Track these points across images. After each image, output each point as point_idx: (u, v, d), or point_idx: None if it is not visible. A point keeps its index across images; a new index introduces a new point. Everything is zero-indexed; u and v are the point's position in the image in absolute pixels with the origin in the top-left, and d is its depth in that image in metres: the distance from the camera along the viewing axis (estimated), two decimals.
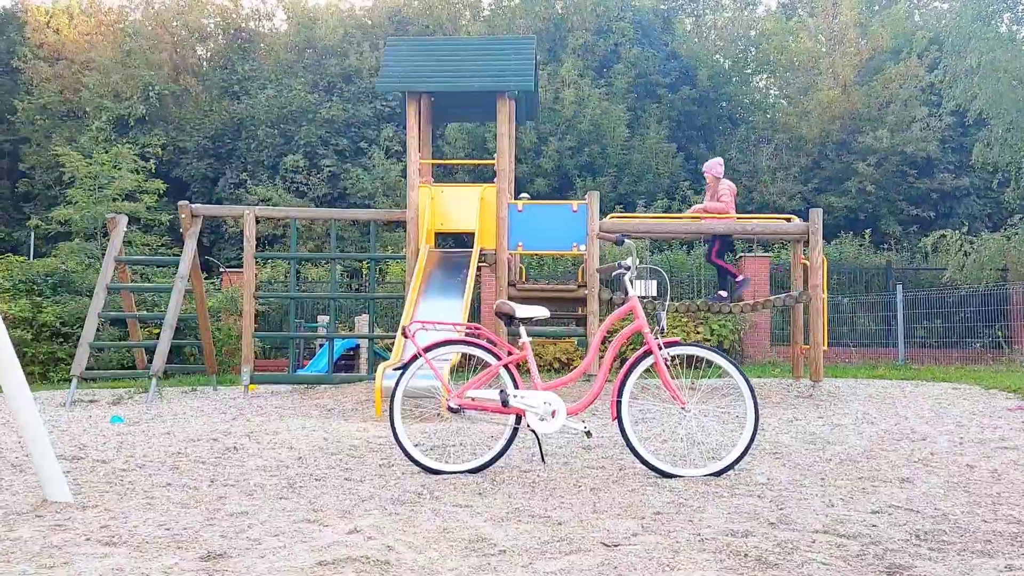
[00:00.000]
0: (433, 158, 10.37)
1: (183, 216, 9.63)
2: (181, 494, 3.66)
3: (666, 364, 4.10)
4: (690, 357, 4.26)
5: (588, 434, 4.18)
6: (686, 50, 28.13)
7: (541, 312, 4.28)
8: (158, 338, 13.32)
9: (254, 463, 4.47)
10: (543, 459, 4.37)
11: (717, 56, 29.41)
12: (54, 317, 13.20)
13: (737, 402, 4.22)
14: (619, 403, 4.06)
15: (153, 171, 17.96)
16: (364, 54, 26.98)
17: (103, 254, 15.04)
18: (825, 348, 8.98)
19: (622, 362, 8.40)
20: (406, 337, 4.25)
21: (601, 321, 8.95)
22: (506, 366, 4.21)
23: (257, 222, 9.50)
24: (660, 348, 4.11)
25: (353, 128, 26.08)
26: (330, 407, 7.76)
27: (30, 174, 25.77)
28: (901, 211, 23.28)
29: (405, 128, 9.13)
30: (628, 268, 4.28)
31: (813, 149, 24.81)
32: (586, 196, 9.00)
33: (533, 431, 4.14)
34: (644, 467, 4.12)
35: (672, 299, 9.91)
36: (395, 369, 4.33)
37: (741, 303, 9.10)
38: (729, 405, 5.35)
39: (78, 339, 12.51)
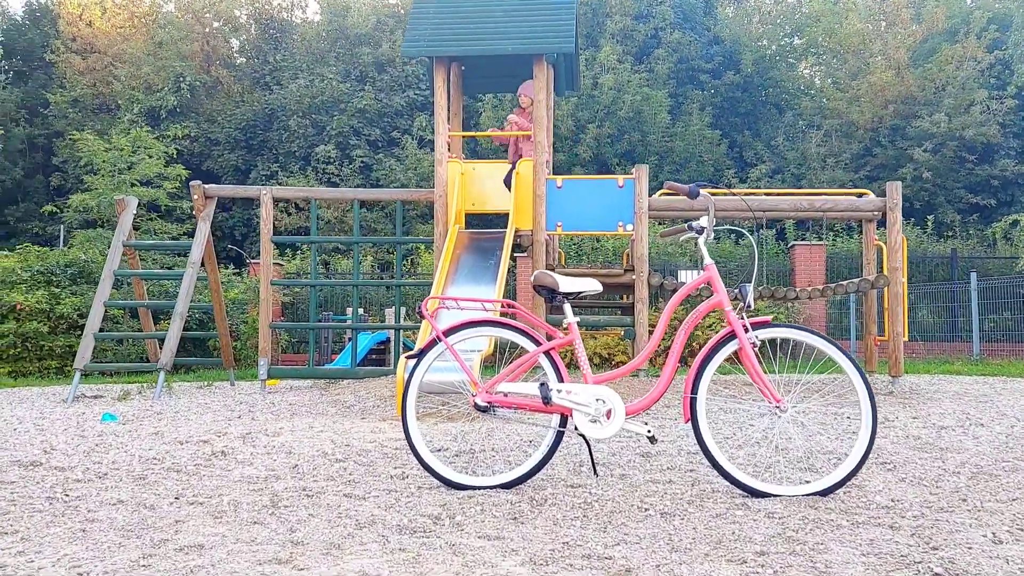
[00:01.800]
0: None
1: (195, 197, 8.89)
2: (131, 516, 2.84)
3: (755, 350, 3.20)
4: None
5: (653, 439, 3.29)
6: (729, 35, 27.10)
7: (591, 286, 3.40)
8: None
9: (239, 473, 3.65)
10: (595, 471, 3.49)
11: (762, 41, 28.29)
12: (72, 309, 12.59)
13: (824, 399, 3.31)
14: (694, 400, 3.17)
15: (175, 156, 17.31)
16: (397, 42, 26.25)
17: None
18: (905, 339, 7.98)
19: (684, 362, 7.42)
20: (422, 317, 3.40)
21: (648, 306, 8.04)
22: (547, 353, 3.34)
23: (287, 212, 8.72)
24: (747, 330, 3.21)
25: (386, 118, 25.39)
26: (350, 403, 6.97)
27: (63, 168, 25.41)
28: (959, 199, 22.04)
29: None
30: (703, 230, 3.38)
31: (865, 135, 23.65)
32: (633, 170, 8.10)
33: (582, 436, 3.26)
34: (727, 483, 3.23)
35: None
36: (407, 357, 3.48)
37: (810, 288, 8.13)
38: (829, 403, 4.43)
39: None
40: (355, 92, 25.36)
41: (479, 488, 3.24)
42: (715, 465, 3.17)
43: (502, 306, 3.68)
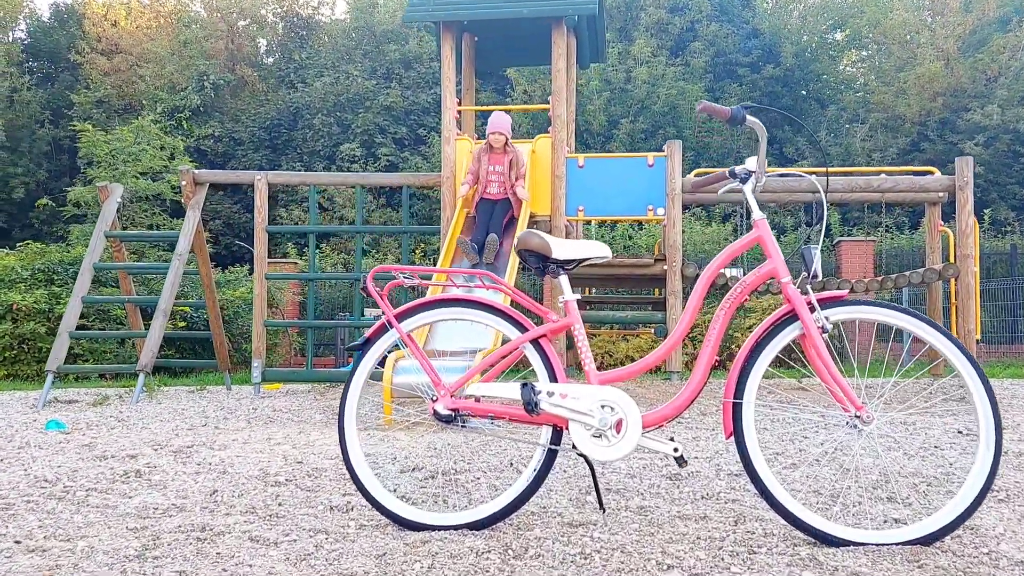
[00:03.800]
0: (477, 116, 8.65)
1: (184, 183, 8.14)
2: None
3: (824, 336, 2.29)
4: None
5: (681, 461, 2.39)
6: (768, 27, 26.06)
7: (595, 251, 2.50)
8: (187, 329, 12.08)
9: (138, 501, 2.80)
10: (600, 504, 2.57)
11: (803, 33, 27.21)
12: None
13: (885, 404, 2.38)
14: (738, 408, 2.27)
15: (182, 148, 16.69)
16: (424, 39, 25.57)
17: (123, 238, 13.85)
18: (978, 338, 6.96)
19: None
20: (366, 294, 2.54)
21: (683, 301, 7.11)
22: (536, 342, 2.45)
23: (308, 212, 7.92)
24: (812, 309, 2.30)
25: (412, 115, 24.68)
26: None
27: (87, 171, 25.06)
28: (1014, 195, 20.77)
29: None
30: (749, 175, 2.48)
31: (912, 129, 22.51)
32: (665, 147, 7.18)
33: (583, 456, 2.37)
34: (784, 520, 2.32)
35: (764, 290, 7.88)
36: (348, 350, 2.63)
37: (867, 280, 7.15)
38: (887, 408, 3.50)
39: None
40: (381, 89, 24.70)
41: (439, 528, 2.36)
42: (769, 499, 2.26)
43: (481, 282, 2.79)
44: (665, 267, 7.07)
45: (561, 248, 2.45)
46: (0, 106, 24.84)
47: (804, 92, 26.56)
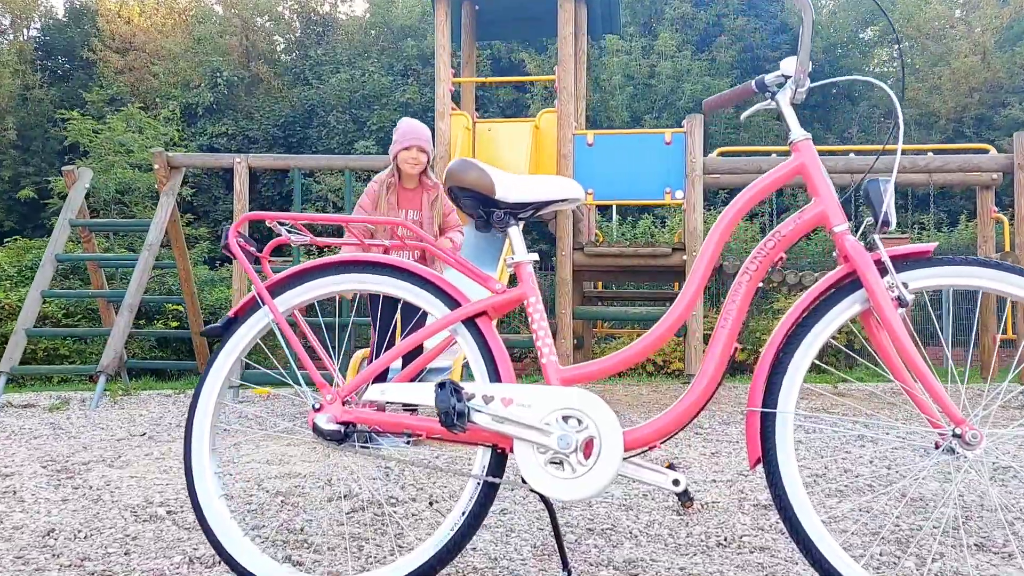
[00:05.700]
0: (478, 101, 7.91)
1: (157, 167, 7.48)
2: None
3: (901, 311, 1.50)
4: None
5: (685, 499, 1.60)
6: (798, 21, 25.22)
7: (560, 190, 1.72)
8: (178, 328, 11.39)
9: None
10: (565, 565, 1.78)
11: (832, 28, 26.40)
12: (57, 308, 11.36)
13: None
14: (768, 421, 1.50)
15: (177, 139, 16.13)
16: None
17: (114, 231, 13.23)
18: None
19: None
20: (230, 254, 1.78)
21: (705, 297, 6.28)
22: (471, 322, 1.68)
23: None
24: (883, 271, 1.51)
25: (430, 112, 24.01)
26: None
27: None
28: None
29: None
30: (784, 81, 1.71)
31: (947, 126, 21.71)
32: (684, 122, 6.39)
33: (537, 493, 1.59)
34: None
35: (780, 280, 6.90)
36: (202, 334, 1.81)
37: None
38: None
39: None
40: (398, 86, 24.13)
41: None
42: (815, 560, 1.46)
43: (391, 236, 2.02)
44: (684, 257, 6.27)
45: (509, 186, 1.67)
46: (12, 104, 24.52)
47: (834, 90, 25.77)
